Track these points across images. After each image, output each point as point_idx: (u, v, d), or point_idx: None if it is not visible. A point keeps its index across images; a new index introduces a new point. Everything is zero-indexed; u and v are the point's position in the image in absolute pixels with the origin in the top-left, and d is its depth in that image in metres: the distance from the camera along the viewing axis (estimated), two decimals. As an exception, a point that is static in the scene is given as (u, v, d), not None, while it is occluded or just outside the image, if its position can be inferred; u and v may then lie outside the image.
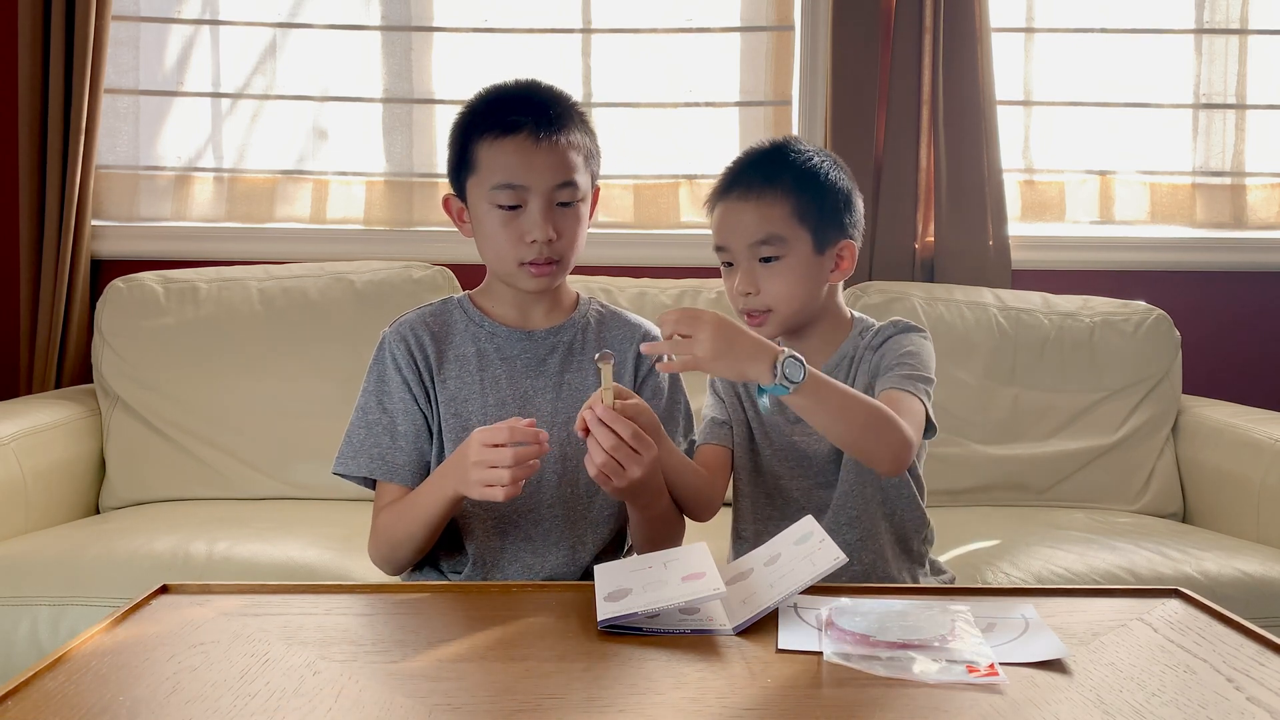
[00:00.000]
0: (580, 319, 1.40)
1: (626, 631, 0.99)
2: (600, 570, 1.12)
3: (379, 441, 1.34)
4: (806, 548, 1.07)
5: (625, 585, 1.05)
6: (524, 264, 1.30)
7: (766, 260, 1.30)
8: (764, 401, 1.22)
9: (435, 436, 1.35)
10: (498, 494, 1.15)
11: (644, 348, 1.22)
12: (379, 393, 1.36)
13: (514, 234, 1.29)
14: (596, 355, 1.18)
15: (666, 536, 1.32)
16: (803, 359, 1.12)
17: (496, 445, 1.15)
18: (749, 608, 1.02)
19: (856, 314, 1.40)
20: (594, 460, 1.15)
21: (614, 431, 1.13)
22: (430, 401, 1.35)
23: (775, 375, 1.10)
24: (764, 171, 1.32)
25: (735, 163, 1.36)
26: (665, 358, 1.15)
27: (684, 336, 1.11)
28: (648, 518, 1.29)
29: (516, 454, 1.14)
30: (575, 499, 1.34)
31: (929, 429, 1.27)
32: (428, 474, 1.35)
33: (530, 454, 1.15)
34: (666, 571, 1.07)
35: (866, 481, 1.34)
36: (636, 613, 1.00)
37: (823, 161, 1.34)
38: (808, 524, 1.12)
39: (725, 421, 1.40)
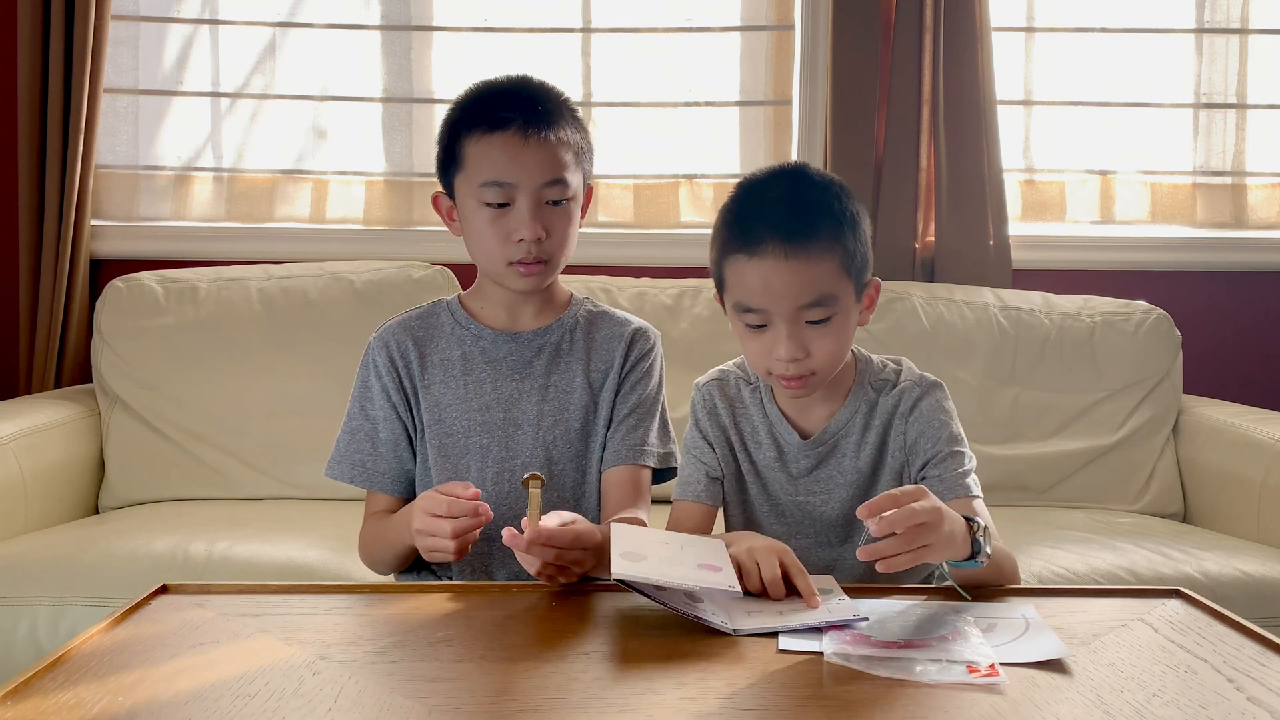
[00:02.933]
0: (569, 319, 1.38)
1: (634, 590, 1.00)
2: (617, 528, 1.10)
3: (361, 448, 1.35)
4: (824, 598, 1.05)
5: (642, 551, 1.05)
6: (512, 263, 1.28)
7: (814, 322, 1.17)
8: (945, 571, 1.12)
9: (419, 442, 1.35)
10: (445, 558, 1.15)
11: (861, 553, 0.99)
12: (362, 399, 1.36)
13: (501, 232, 1.27)
14: (525, 475, 1.13)
15: None
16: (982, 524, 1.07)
17: (438, 515, 1.13)
18: (753, 621, 1.00)
19: (859, 351, 1.30)
20: (530, 569, 1.09)
21: (549, 546, 1.07)
22: (411, 408, 1.35)
23: (973, 550, 1.05)
24: (800, 223, 1.15)
25: (752, 207, 1.19)
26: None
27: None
28: None
29: (455, 527, 1.12)
30: (561, 503, 1.33)
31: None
32: (408, 481, 1.36)
33: (469, 526, 1.13)
34: (683, 553, 1.07)
35: None
36: (651, 578, 0.99)
37: (840, 193, 1.20)
38: (826, 582, 1.10)
39: (718, 478, 1.29)
